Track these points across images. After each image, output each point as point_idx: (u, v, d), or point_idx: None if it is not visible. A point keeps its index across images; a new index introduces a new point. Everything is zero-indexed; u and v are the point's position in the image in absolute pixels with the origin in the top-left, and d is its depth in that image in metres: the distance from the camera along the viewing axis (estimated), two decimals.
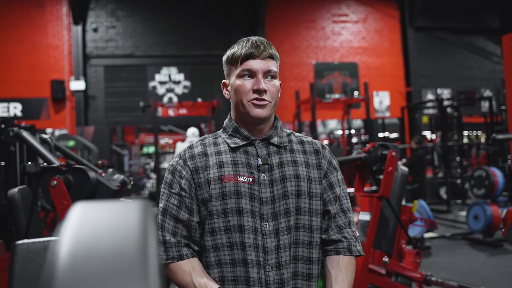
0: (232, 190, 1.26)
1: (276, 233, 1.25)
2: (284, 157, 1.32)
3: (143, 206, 0.41)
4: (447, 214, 8.38)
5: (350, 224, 1.35)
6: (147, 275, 0.35)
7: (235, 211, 1.25)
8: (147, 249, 0.37)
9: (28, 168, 2.08)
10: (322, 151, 1.38)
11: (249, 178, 1.27)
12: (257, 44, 1.29)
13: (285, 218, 1.26)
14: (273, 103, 1.30)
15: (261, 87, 1.26)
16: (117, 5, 9.37)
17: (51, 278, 0.34)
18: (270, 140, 1.33)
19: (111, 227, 0.38)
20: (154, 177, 11.02)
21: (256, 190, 1.26)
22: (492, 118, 8.48)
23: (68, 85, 8.92)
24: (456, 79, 10.93)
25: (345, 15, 10.40)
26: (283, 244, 1.25)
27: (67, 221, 0.40)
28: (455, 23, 11.02)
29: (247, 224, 1.24)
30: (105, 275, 0.34)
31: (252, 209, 1.25)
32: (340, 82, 10.10)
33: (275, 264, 1.23)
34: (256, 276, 1.23)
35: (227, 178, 1.27)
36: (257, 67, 1.28)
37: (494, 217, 5.75)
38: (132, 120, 9.51)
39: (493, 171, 5.94)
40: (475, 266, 5.02)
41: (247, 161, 1.30)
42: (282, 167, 1.30)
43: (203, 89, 9.42)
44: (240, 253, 1.24)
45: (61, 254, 0.36)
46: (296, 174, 1.30)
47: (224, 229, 1.25)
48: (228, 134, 1.36)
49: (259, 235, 1.24)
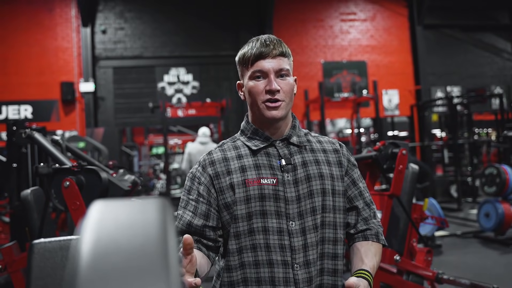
0: (256, 193, 1.26)
1: (303, 231, 1.25)
2: (306, 156, 1.33)
3: (162, 204, 0.42)
4: (458, 212, 8.33)
5: (375, 215, 1.38)
6: (168, 271, 0.35)
7: (259, 213, 1.25)
8: (167, 246, 0.37)
9: (41, 170, 2.10)
10: (340, 149, 1.40)
11: (273, 179, 1.27)
12: (267, 43, 1.28)
13: (311, 217, 1.27)
14: (287, 101, 1.29)
15: (273, 87, 1.25)
16: (125, 6, 9.42)
17: (74, 275, 0.35)
18: (290, 140, 1.33)
19: (131, 225, 0.39)
20: (163, 178, 11.07)
21: (281, 191, 1.26)
22: (503, 116, 8.41)
23: (77, 87, 8.98)
24: (466, 76, 10.84)
25: (353, 14, 10.36)
26: (311, 243, 1.25)
27: (87, 219, 0.40)
28: (464, 20, 10.92)
29: (271, 225, 1.25)
30: (127, 271, 0.35)
31: (278, 210, 1.25)
32: (348, 81, 10.06)
33: (303, 262, 1.24)
34: (282, 276, 1.23)
35: (251, 182, 1.27)
36: (268, 66, 1.26)
37: (505, 215, 5.70)
38: (141, 121, 9.56)
39: (504, 168, 5.89)
40: (487, 265, 4.98)
41: (269, 163, 1.30)
42: (306, 166, 1.31)
43: (212, 89, 9.44)
44: (264, 254, 1.24)
45: (83, 251, 0.36)
46: (320, 172, 1.31)
47: (248, 231, 1.25)
48: (247, 137, 1.37)
49: (285, 235, 1.24)
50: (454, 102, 9.03)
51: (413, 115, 10.16)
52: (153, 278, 0.35)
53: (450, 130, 9.27)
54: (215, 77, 9.51)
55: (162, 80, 9.41)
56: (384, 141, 2.87)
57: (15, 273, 2.13)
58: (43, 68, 8.96)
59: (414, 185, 3.01)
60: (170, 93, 9.41)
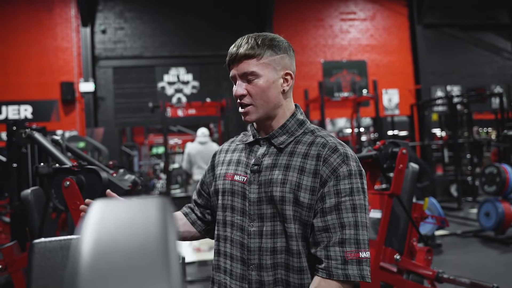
0: (229, 188, 1.32)
1: (260, 234, 1.23)
2: (279, 159, 1.26)
3: (162, 203, 0.42)
4: (458, 211, 8.33)
5: (343, 242, 1.13)
6: (169, 270, 0.35)
7: (229, 207, 1.31)
8: (168, 245, 0.37)
9: (41, 169, 2.10)
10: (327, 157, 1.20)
11: (244, 177, 1.30)
12: (233, 50, 1.27)
13: (271, 222, 1.23)
14: (258, 103, 1.25)
15: (236, 93, 1.27)
16: (125, 6, 9.41)
17: (75, 274, 0.35)
18: (271, 140, 1.30)
19: (132, 224, 0.39)
20: (164, 178, 11.07)
21: (247, 190, 1.28)
22: (503, 115, 8.40)
23: (77, 87, 8.98)
24: (466, 75, 10.84)
25: (353, 13, 10.36)
26: (265, 248, 1.22)
27: (87, 219, 0.40)
28: (464, 19, 10.92)
29: (237, 221, 1.28)
30: (127, 271, 0.35)
31: (243, 208, 1.28)
32: (348, 81, 10.06)
33: (257, 265, 1.22)
34: (239, 272, 1.26)
35: (228, 176, 1.34)
36: (233, 73, 1.28)
37: (505, 214, 5.70)
38: (141, 121, 9.55)
39: (504, 168, 5.89)
40: (487, 264, 4.98)
41: (247, 161, 1.33)
42: (273, 170, 1.24)
43: (212, 89, 9.44)
44: (229, 247, 1.29)
45: (84, 250, 0.36)
46: (283, 179, 1.21)
47: (222, 222, 1.33)
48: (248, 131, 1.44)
49: (245, 234, 1.26)
50: (454, 102, 9.02)
51: (413, 114, 10.16)
52: (154, 277, 0.35)
53: (450, 130, 9.27)
54: (215, 77, 9.51)
55: (162, 80, 9.41)
56: (384, 140, 2.87)
57: (16, 273, 2.13)
58: (43, 68, 8.96)
59: (414, 184, 3.01)
60: (170, 93, 9.41)
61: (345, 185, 1.17)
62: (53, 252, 1.10)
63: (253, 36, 1.28)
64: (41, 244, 1.10)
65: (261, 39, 1.27)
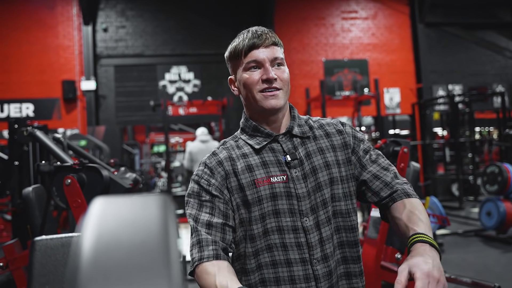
0: (268, 193, 1.21)
1: (317, 226, 1.22)
2: (309, 146, 1.28)
3: (163, 200, 0.42)
4: (460, 210, 8.32)
5: (396, 175, 1.30)
6: (169, 267, 0.35)
7: (272, 213, 1.21)
8: (169, 242, 0.37)
9: (42, 167, 2.10)
10: (344, 129, 1.34)
11: (283, 176, 1.23)
12: (258, 34, 1.25)
13: (323, 210, 1.23)
14: (285, 89, 1.25)
15: (271, 76, 1.21)
16: (126, 4, 9.41)
17: (75, 271, 0.35)
18: (292, 132, 1.28)
19: (133, 221, 0.39)
20: (165, 176, 11.08)
21: (292, 188, 1.22)
22: (504, 114, 8.39)
23: (79, 85, 8.99)
24: (468, 74, 10.82)
25: (355, 12, 10.34)
26: (326, 236, 1.22)
27: (88, 216, 0.40)
28: (466, 18, 10.90)
29: (285, 224, 1.20)
30: (128, 268, 0.35)
31: (291, 207, 1.21)
32: (350, 79, 10.05)
33: (321, 257, 1.20)
34: (302, 273, 1.19)
35: (260, 181, 1.22)
36: (263, 56, 1.23)
37: (507, 214, 5.70)
38: (142, 119, 9.56)
39: (506, 167, 5.89)
40: (488, 263, 4.98)
41: (276, 159, 1.25)
42: (310, 157, 1.26)
43: (213, 88, 9.44)
44: (282, 253, 1.20)
45: (85, 248, 0.36)
46: (325, 162, 1.26)
47: (262, 233, 1.21)
48: (248, 135, 1.31)
49: (300, 232, 1.20)
50: (456, 101, 9.01)
51: (415, 113, 10.14)
52: (155, 274, 0.35)
53: (452, 129, 9.26)
54: (216, 75, 9.51)
55: (163, 78, 9.41)
56: (386, 139, 2.87)
57: (17, 270, 2.14)
58: (44, 67, 8.97)
59: (415, 183, 3.01)
60: (172, 91, 9.41)
61: (365, 144, 1.34)
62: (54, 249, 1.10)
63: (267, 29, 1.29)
64: (42, 241, 1.10)
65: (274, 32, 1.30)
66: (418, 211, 1.18)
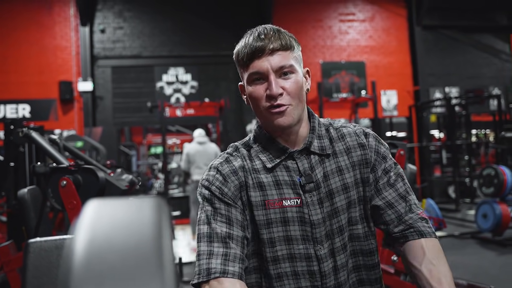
0: (278, 217, 1.10)
1: (332, 254, 1.12)
2: (328, 166, 1.14)
3: (157, 203, 0.42)
4: (456, 213, 8.34)
5: (411, 208, 1.15)
6: (163, 271, 0.35)
7: (283, 239, 1.10)
8: (162, 245, 0.37)
9: (38, 169, 2.09)
10: (367, 142, 1.19)
11: (297, 199, 1.10)
12: (261, 37, 1.07)
13: (339, 237, 1.12)
14: (295, 103, 1.09)
15: (274, 92, 1.05)
16: (124, 6, 9.40)
17: (67, 274, 0.35)
18: (310, 149, 1.14)
19: (126, 224, 0.39)
20: (162, 178, 11.06)
21: (306, 213, 1.10)
22: (500, 116, 8.42)
23: (76, 86, 8.97)
24: (464, 77, 10.85)
25: (352, 14, 10.36)
26: (341, 264, 1.12)
27: (82, 218, 0.40)
28: (463, 21, 10.93)
29: (298, 252, 1.10)
30: (121, 271, 0.35)
31: (304, 234, 1.10)
32: (347, 81, 10.06)
33: (333, 285, 1.11)
34: None
35: (271, 203, 1.10)
36: (266, 66, 1.06)
37: (503, 216, 5.71)
38: (139, 120, 9.54)
39: (502, 169, 5.90)
40: (484, 265, 4.99)
41: (290, 179, 1.12)
42: (328, 179, 1.13)
43: (210, 89, 9.43)
44: (292, 282, 1.10)
45: (77, 250, 0.36)
46: (343, 184, 1.13)
47: (272, 259, 1.10)
48: (261, 146, 1.17)
49: (314, 261, 1.10)
50: (452, 103, 9.04)
51: (412, 115, 10.17)
52: (147, 278, 0.34)
53: (448, 131, 9.29)
54: (214, 77, 9.50)
55: (160, 79, 9.40)
56: None
57: (11, 272, 2.13)
58: (41, 67, 8.94)
59: (412, 185, 3.01)
60: (169, 92, 9.40)
61: (388, 162, 1.19)
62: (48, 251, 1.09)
63: (273, 27, 1.12)
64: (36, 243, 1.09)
65: (282, 30, 1.13)
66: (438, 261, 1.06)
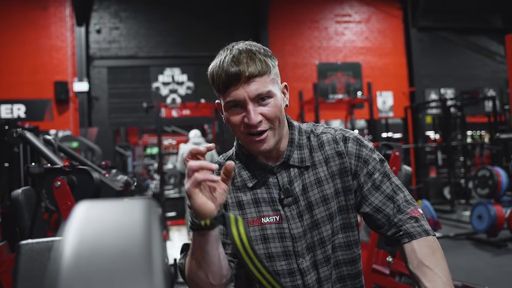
0: (258, 234, 1.11)
1: (315, 266, 1.12)
2: (306, 178, 1.13)
3: (147, 205, 0.41)
4: (451, 214, 8.36)
5: (399, 208, 1.12)
6: (152, 274, 0.35)
7: (265, 257, 1.11)
8: (152, 248, 0.37)
9: (32, 169, 2.08)
10: (345, 149, 1.15)
11: (275, 216, 1.11)
12: (237, 63, 1.02)
13: (321, 249, 1.12)
14: (275, 126, 1.07)
15: (252, 122, 1.03)
16: (120, 6, 9.39)
17: (55, 277, 0.34)
18: (289, 162, 1.13)
19: (115, 226, 0.38)
20: (157, 178, 11.04)
21: (286, 228, 1.11)
22: (495, 118, 8.45)
23: (71, 87, 8.94)
24: (460, 79, 10.90)
25: (348, 15, 10.38)
26: (324, 277, 1.12)
27: (71, 220, 0.40)
28: (458, 23, 10.98)
29: (280, 268, 1.11)
30: (109, 274, 0.34)
31: (285, 250, 1.11)
32: (343, 82, 10.08)
33: None
34: None
35: (250, 221, 1.11)
36: (243, 96, 1.03)
37: (498, 217, 5.73)
38: (135, 121, 9.52)
39: (497, 170, 5.93)
40: (479, 266, 5.00)
41: (269, 196, 1.12)
42: (306, 192, 1.12)
43: (206, 90, 9.41)
44: None
45: (66, 253, 0.36)
46: (322, 196, 1.12)
47: None
48: (242, 162, 1.17)
49: (297, 275, 1.11)
50: (448, 104, 9.07)
51: (407, 117, 10.19)
52: (136, 280, 0.34)
53: (444, 132, 9.32)
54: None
55: (156, 80, 9.39)
56: (378, 142, 2.87)
57: (5, 273, 2.12)
58: (36, 67, 8.91)
59: (407, 186, 3.01)
60: (165, 93, 9.38)
61: (371, 163, 1.14)
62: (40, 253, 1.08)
63: (249, 47, 1.07)
64: (28, 245, 1.08)
65: (258, 48, 1.08)
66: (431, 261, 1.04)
